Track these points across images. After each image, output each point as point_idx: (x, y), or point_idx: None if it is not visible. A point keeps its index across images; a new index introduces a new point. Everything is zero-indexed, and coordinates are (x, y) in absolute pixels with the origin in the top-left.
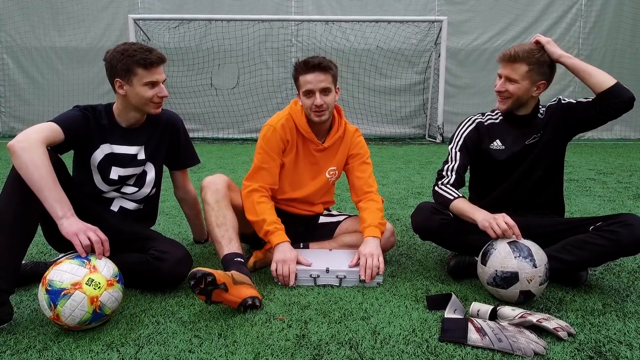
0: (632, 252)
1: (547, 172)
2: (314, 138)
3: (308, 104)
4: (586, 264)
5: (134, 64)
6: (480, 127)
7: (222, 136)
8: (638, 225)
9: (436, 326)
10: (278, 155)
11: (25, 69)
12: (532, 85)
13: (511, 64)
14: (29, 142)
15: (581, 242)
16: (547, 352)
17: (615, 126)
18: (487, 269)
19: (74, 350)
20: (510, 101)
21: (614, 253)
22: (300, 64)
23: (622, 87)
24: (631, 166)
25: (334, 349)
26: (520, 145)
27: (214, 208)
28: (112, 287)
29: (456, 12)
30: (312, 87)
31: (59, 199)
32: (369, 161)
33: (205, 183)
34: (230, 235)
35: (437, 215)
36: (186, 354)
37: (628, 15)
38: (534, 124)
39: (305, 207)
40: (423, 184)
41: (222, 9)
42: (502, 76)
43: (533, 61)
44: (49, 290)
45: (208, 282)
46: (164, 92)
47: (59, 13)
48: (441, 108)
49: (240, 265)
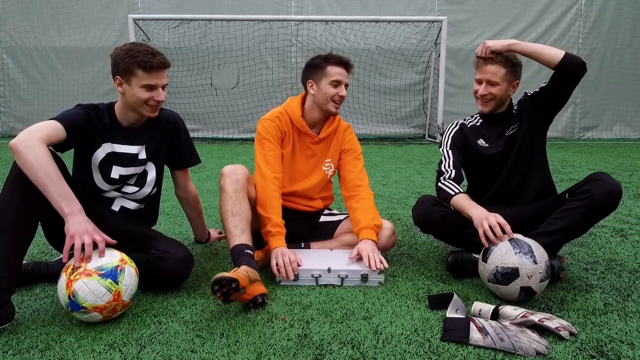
0: (609, 207)
1: (533, 156)
2: (309, 130)
3: (332, 92)
4: (572, 230)
5: (135, 64)
6: (463, 128)
7: (222, 136)
8: (606, 178)
9: (438, 326)
10: (278, 143)
11: (25, 69)
12: (509, 85)
13: (490, 67)
14: (31, 140)
15: (562, 212)
16: (549, 351)
17: (614, 126)
18: (487, 266)
19: (76, 350)
20: (493, 103)
21: (592, 212)
22: (334, 56)
23: (572, 55)
24: (631, 166)
25: (336, 348)
26: (502, 139)
27: (232, 197)
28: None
29: (456, 12)
30: (342, 79)
31: (66, 196)
32: (361, 157)
33: (226, 172)
34: (243, 226)
35: (438, 207)
36: (188, 353)
37: (628, 15)
38: (511, 118)
39: (305, 202)
40: (423, 183)
41: (222, 8)
42: (483, 80)
43: (508, 64)
44: (103, 274)
45: (232, 288)
46: (160, 96)
47: (58, 13)
48: (441, 108)
49: (250, 258)
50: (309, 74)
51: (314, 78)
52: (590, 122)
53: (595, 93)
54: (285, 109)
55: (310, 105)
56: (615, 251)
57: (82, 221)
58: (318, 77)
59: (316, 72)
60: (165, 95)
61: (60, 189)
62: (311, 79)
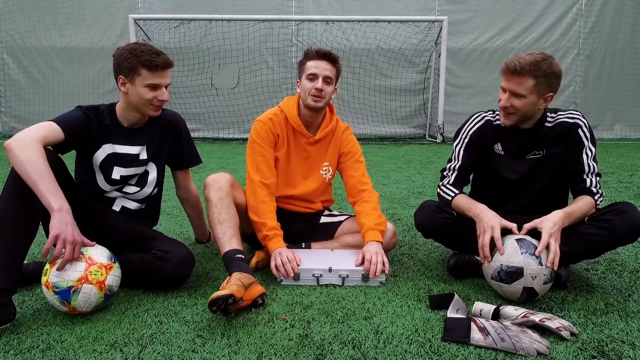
0: (628, 240)
1: (549, 189)
2: (304, 130)
3: (309, 86)
4: (583, 254)
5: (139, 64)
6: (487, 125)
7: (223, 136)
8: (632, 212)
9: (439, 326)
10: (270, 147)
11: (25, 69)
12: (539, 98)
13: (516, 78)
14: (25, 140)
15: (577, 233)
16: (550, 351)
17: (615, 126)
18: (492, 263)
19: (77, 350)
20: (515, 117)
21: (610, 242)
22: (312, 50)
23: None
24: (632, 166)
25: (337, 348)
26: (519, 158)
27: (217, 205)
28: (112, 270)
29: (456, 12)
30: (317, 71)
31: (55, 192)
32: (362, 159)
33: (209, 181)
34: (231, 232)
35: (440, 214)
36: (189, 353)
37: (628, 15)
38: (538, 135)
39: (305, 205)
40: (424, 183)
41: (223, 9)
42: (507, 90)
43: (540, 74)
44: (56, 291)
45: (229, 303)
46: (164, 95)
47: (59, 13)
48: (441, 108)
49: (241, 262)
50: (298, 74)
51: (299, 76)
52: (591, 122)
53: (596, 93)
54: (281, 108)
55: (301, 104)
56: (616, 251)
57: (68, 222)
58: (300, 74)
59: (300, 69)
60: (168, 94)
61: (49, 185)
62: (299, 78)
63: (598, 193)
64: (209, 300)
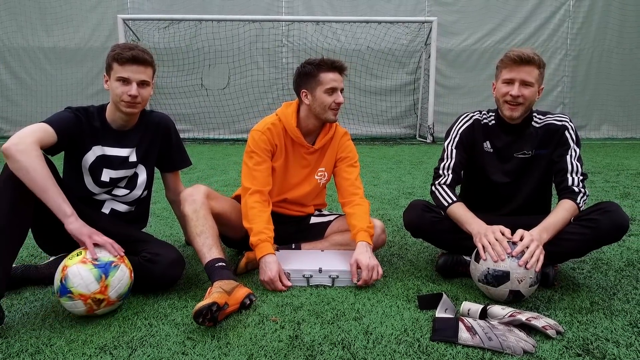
0: (613, 239)
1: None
2: (304, 142)
3: (329, 101)
4: (569, 254)
5: (111, 58)
6: (476, 124)
7: (213, 137)
8: (617, 211)
9: (427, 325)
10: (267, 157)
11: (12, 70)
12: (538, 89)
13: (526, 67)
14: (24, 144)
15: (563, 233)
16: (536, 350)
17: (602, 126)
18: (479, 266)
19: (67, 353)
20: (523, 108)
21: (595, 241)
22: (326, 61)
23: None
24: (618, 165)
25: (327, 349)
26: (508, 157)
27: (193, 218)
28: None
29: (446, 13)
30: (337, 85)
31: (64, 198)
32: (357, 164)
33: (184, 196)
34: (210, 242)
35: (429, 213)
36: (179, 356)
37: (615, 16)
38: (526, 133)
39: (297, 209)
40: (414, 184)
41: (213, 9)
42: (516, 80)
43: (541, 64)
44: (96, 265)
45: (214, 311)
46: (132, 90)
47: (46, 13)
48: (431, 108)
49: (222, 270)
50: (301, 82)
51: (307, 87)
52: (579, 122)
53: (584, 93)
54: (279, 117)
55: (306, 114)
56: (602, 250)
57: (84, 223)
58: (312, 85)
59: (309, 80)
60: (144, 93)
61: (57, 191)
62: (305, 88)
63: (581, 192)
64: (192, 312)
